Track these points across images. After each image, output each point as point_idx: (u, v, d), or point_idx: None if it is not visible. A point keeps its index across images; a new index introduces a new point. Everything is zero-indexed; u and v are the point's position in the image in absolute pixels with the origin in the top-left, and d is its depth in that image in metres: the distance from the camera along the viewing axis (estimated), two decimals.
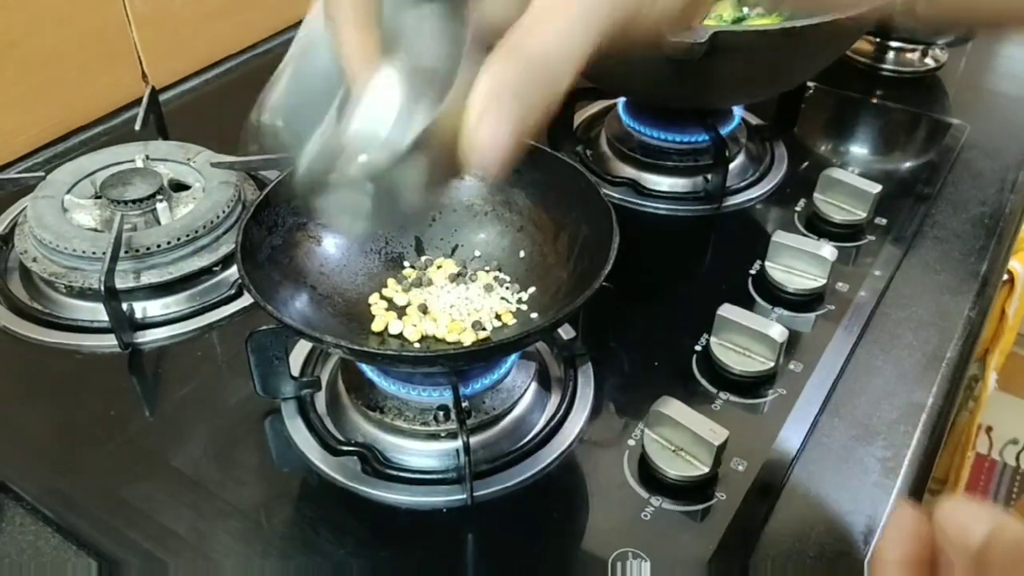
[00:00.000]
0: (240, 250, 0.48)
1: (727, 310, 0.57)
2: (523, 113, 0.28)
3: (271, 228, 0.52)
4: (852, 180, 0.70)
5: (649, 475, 0.50)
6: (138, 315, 0.61)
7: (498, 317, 0.53)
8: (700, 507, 0.49)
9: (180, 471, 0.51)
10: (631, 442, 0.52)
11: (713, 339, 0.58)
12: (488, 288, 0.55)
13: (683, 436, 0.49)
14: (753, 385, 0.56)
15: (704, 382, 0.57)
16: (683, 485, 0.49)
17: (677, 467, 0.49)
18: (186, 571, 0.46)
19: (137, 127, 0.73)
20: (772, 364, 0.56)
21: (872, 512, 0.49)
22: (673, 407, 0.50)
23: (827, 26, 0.60)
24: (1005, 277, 0.99)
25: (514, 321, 0.53)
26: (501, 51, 0.28)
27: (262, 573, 0.47)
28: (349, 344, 0.44)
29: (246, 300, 0.63)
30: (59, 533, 0.48)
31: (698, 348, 0.59)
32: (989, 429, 1.69)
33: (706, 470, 0.49)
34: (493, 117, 0.28)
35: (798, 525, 0.49)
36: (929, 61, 0.94)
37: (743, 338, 0.57)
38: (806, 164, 0.79)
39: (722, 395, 0.56)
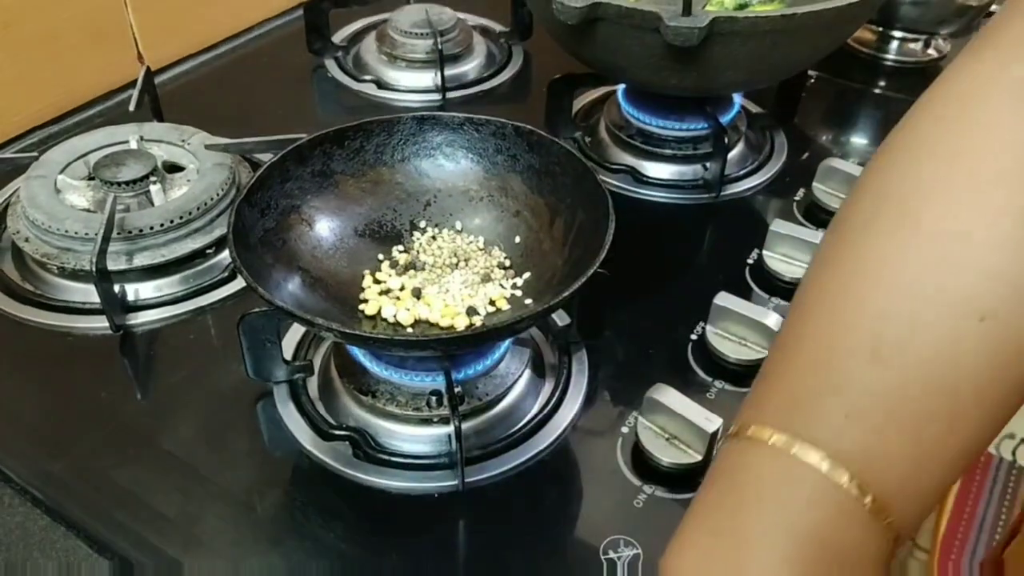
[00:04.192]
0: (232, 232, 0.48)
1: (724, 299, 0.57)
2: None
3: (264, 210, 0.52)
4: (852, 170, 0.69)
5: (642, 463, 0.50)
6: (130, 297, 0.61)
7: (492, 303, 0.53)
8: (693, 495, 0.48)
9: (171, 454, 0.51)
10: (624, 429, 0.52)
11: (709, 327, 0.57)
12: (483, 273, 0.54)
13: (677, 424, 0.49)
14: (749, 374, 0.56)
15: (699, 371, 0.56)
16: (676, 473, 0.49)
17: (670, 455, 0.49)
18: (176, 554, 0.46)
19: (131, 108, 0.72)
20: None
21: None
22: (667, 394, 0.50)
23: (827, 13, 0.60)
24: None
25: (508, 307, 0.53)
26: None
27: (252, 557, 0.46)
28: (340, 327, 0.44)
29: (239, 283, 0.62)
30: (48, 515, 0.48)
31: (694, 337, 0.59)
32: None
33: (699, 458, 0.49)
34: None
35: None
36: (932, 51, 0.94)
37: (740, 327, 0.56)
38: (806, 154, 0.79)
39: (717, 384, 0.56)
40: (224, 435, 0.52)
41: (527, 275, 0.54)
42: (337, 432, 0.51)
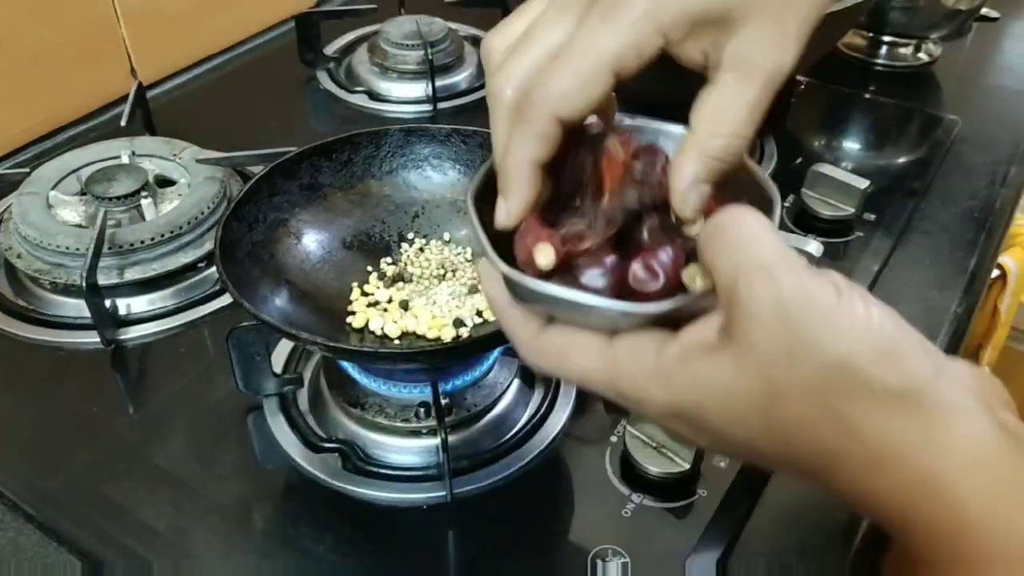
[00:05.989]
0: (219, 246, 0.48)
1: None
2: None
3: (252, 224, 0.52)
4: (840, 175, 0.69)
5: (631, 472, 0.50)
6: (122, 311, 0.61)
7: (479, 314, 0.53)
8: (681, 504, 0.49)
9: (162, 468, 0.51)
10: (613, 439, 0.52)
11: None
12: (470, 285, 0.55)
13: (665, 433, 0.49)
14: None
15: None
16: (664, 482, 0.49)
17: (659, 464, 0.49)
18: (167, 568, 0.46)
19: (123, 123, 0.73)
20: None
21: None
22: None
23: None
24: (997, 273, 0.98)
25: (495, 318, 0.53)
26: None
27: (242, 570, 0.47)
28: (326, 341, 0.44)
29: (230, 297, 0.62)
30: (40, 530, 0.48)
31: None
32: None
33: (687, 467, 0.49)
34: None
35: (781, 521, 0.49)
36: (922, 55, 0.94)
37: None
38: (799, 159, 0.79)
39: None
40: (215, 448, 0.52)
41: None
42: (326, 444, 0.51)
